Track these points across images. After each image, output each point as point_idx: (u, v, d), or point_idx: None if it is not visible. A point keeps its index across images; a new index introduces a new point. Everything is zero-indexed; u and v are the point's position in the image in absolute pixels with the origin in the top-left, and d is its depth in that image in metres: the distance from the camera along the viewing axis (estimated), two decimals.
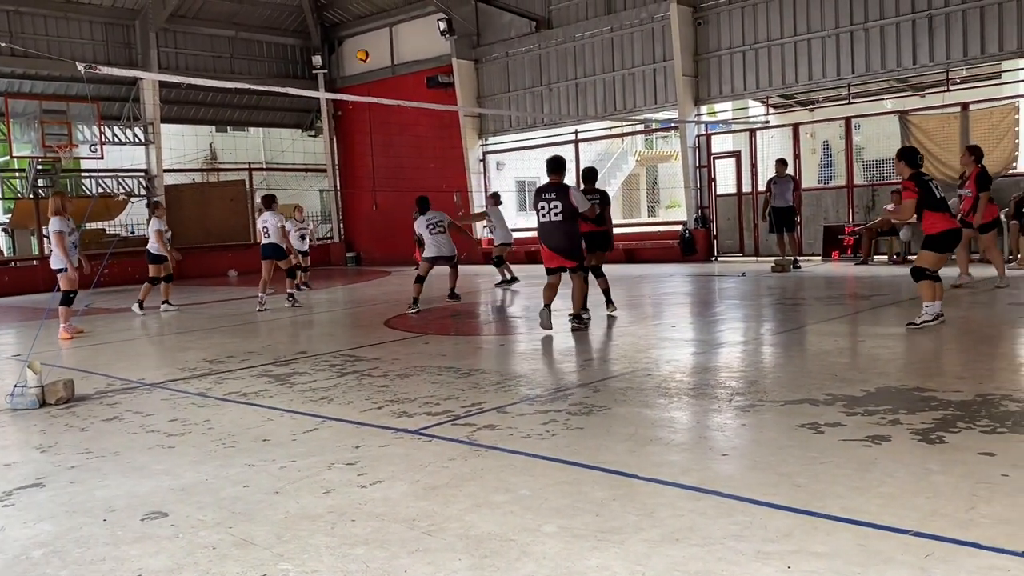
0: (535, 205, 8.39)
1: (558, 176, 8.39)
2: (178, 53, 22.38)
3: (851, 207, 16.64)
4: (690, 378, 6.03)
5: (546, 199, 8.28)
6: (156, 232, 12.78)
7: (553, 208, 8.23)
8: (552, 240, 8.32)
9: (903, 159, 7.71)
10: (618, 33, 19.24)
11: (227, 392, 6.27)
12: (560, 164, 8.45)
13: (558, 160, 8.47)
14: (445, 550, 3.03)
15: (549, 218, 8.27)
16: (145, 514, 3.60)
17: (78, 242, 10.20)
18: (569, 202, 8.19)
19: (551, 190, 8.29)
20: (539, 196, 8.36)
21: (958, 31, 14.92)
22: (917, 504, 3.23)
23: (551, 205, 8.24)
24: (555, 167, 8.41)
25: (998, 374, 5.62)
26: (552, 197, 8.25)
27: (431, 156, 22.01)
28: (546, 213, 8.28)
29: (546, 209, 8.28)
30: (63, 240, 9.82)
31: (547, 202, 8.27)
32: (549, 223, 8.29)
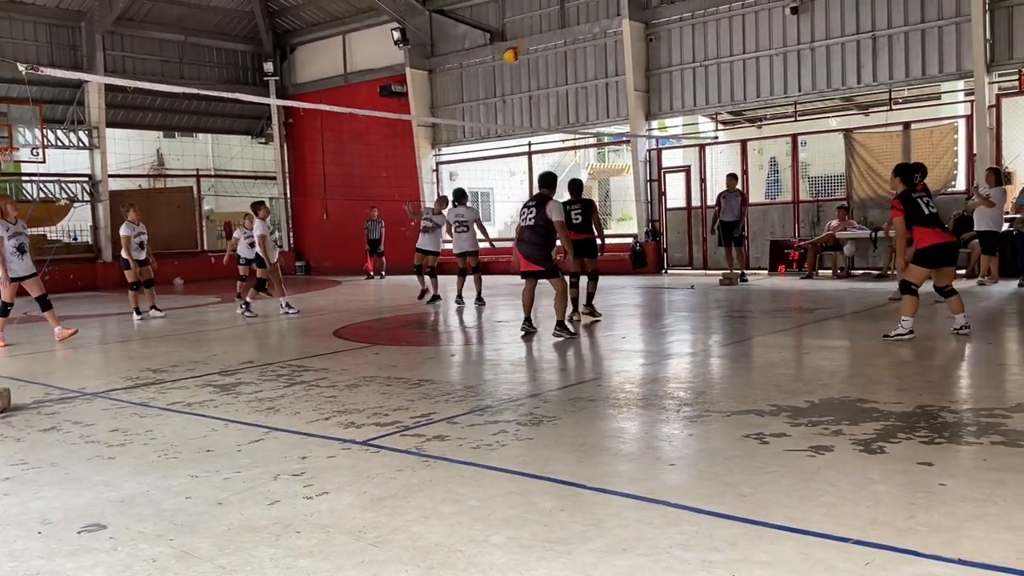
0: (520, 212, 9.04)
1: (548, 190, 8.94)
2: (125, 56, 21.98)
3: (797, 222, 16.97)
4: (639, 389, 6.08)
5: (528, 206, 8.87)
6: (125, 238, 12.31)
7: (529, 215, 8.77)
8: (522, 245, 8.89)
9: (898, 175, 7.81)
10: (571, 47, 19.41)
11: (171, 402, 6.14)
12: (549, 179, 9.06)
13: (548, 176, 9.14)
14: (391, 561, 3.00)
15: (523, 222, 8.84)
16: (82, 526, 3.50)
17: (25, 247, 9.79)
18: (544, 211, 8.65)
19: (534, 200, 8.90)
20: (525, 205, 8.98)
21: (901, 52, 15.36)
22: (858, 513, 3.29)
23: (529, 212, 8.80)
24: (543, 182, 9.06)
25: (937, 386, 5.77)
26: (532, 205, 8.82)
27: (383, 165, 21.92)
28: (525, 219, 8.82)
29: (525, 216, 8.85)
30: (1, 246, 9.52)
31: (528, 209, 8.84)
32: (522, 228, 8.87)
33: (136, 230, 12.32)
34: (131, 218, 12.37)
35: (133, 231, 12.28)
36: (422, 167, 21.92)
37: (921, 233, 7.60)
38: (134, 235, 12.28)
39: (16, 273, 9.68)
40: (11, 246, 9.61)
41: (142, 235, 12.40)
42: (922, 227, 7.59)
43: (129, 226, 12.30)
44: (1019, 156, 14.34)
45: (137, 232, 12.32)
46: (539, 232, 8.73)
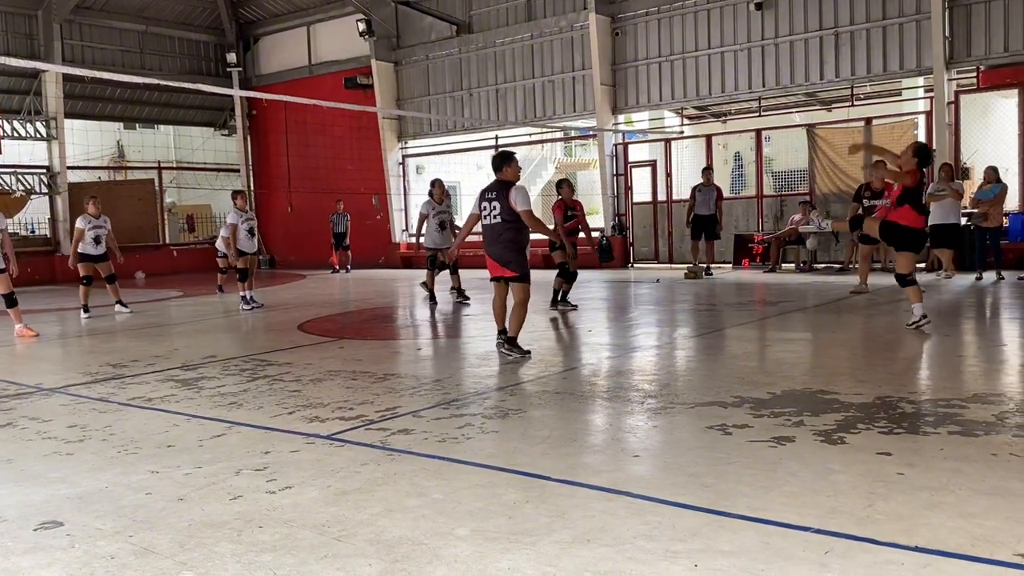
0: (478, 205, 7.41)
1: (502, 174, 7.33)
2: (84, 46, 21.56)
3: (761, 216, 17.15)
4: (605, 381, 6.10)
5: (488, 199, 7.28)
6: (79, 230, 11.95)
7: (493, 209, 7.22)
8: (490, 246, 7.29)
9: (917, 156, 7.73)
10: (538, 40, 19.40)
11: (131, 397, 6.04)
12: (501, 160, 7.35)
13: (500, 156, 7.41)
14: (355, 555, 2.98)
15: (489, 220, 7.27)
16: (39, 524, 3.43)
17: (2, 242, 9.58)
18: (507, 202, 7.10)
19: (493, 189, 7.29)
20: (482, 196, 7.39)
21: (862, 49, 15.57)
22: (819, 502, 3.33)
23: (491, 206, 7.24)
24: (497, 164, 7.36)
25: (896, 378, 5.86)
26: (492, 197, 7.25)
27: (349, 158, 21.76)
28: (487, 215, 7.29)
29: (487, 211, 7.29)
30: None
31: (488, 202, 7.27)
32: (488, 226, 7.30)
33: (93, 223, 11.95)
34: (90, 211, 12.04)
35: (88, 223, 11.90)
36: (388, 160, 21.80)
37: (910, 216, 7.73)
38: (89, 228, 11.89)
39: None
40: None
41: (99, 229, 11.99)
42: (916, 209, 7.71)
43: (85, 218, 11.94)
44: (977, 152, 14.62)
45: (94, 225, 11.94)
46: (506, 228, 7.19)
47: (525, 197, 7.20)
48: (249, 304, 12.15)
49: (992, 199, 12.53)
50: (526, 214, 7.12)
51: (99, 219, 12.01)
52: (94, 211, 12.00)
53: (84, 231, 11.85)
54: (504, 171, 7.27)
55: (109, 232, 12.11)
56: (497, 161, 7.36)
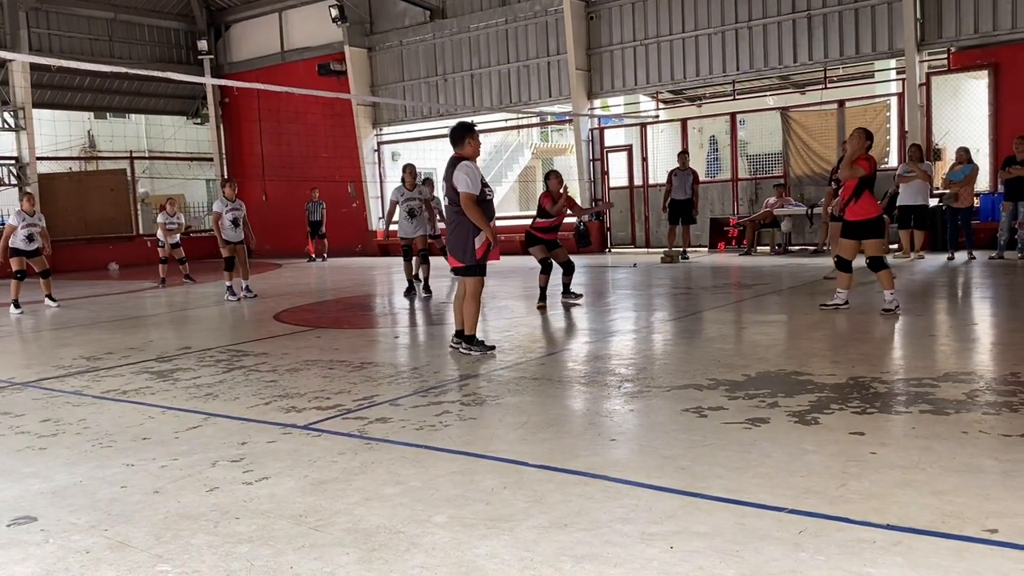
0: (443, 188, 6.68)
1: (460, 149, 6.43)
2: (51, 34, 21.19)
3: (736, 200, 17.24)
4: (582, 366, 6.12)
5: (445, 179, 6.46)
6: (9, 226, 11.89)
7: (447, 191, 6.47)
8: (447, 231, 6.67)
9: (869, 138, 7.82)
10: (512, 25, 19.32)
11: (105, 390, 5.99)
12: (459, 133, 6.45)
13: (458, 127, 6.50)
14: (333, 545, 2.98)
15: (447, 202, 6.54)
16: (12, 519, 3.40)
17: None
18: (452, 182, 6.32)
19: (448, 167, 6.45)
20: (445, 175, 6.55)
21: (835, 31, 15.64)
22: (793, 483, 3.37)
23: (445, 187, 6.45)
24: (454, 137, 6.48)
25: (868, 359, 5.92)
26: (447, 176, 6.41)
27: (324, 145, 21.60)
28: (444, 194, 6.56)
29: (444, 191, 6.53)
30: None
31: (445, 182, 6.44)
32: (446, 207, 6.61)
33: (27, 220, 11.84)
34: (24, 207, 12.04)
35: (22, 220, 11.80)
36: (363, 147, 21.66)
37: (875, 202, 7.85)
38: (22, 225, 11.77)
39: None
40: None
41: (32, 227, 11.88)
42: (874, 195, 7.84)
43: (18, 215, 11.88)
44: (948, 133, 14.76)
45: (28, 223, 11.83)
46: (454, 212, 6.43)
47: (469, 177, 6.28)
48: (236, 295, 11.96)
49: (963, 180, 12.67)
50: (465, 197, 6.23)
51: (32, 216, 11.92)
52: (27, 207, 11.99)
53: (17, 228, 11.75)
54: (465, 145, 6.40)
55: (43, 229, 12.06)
56: (457, 132, 6.44)
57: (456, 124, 6.58)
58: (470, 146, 6.44)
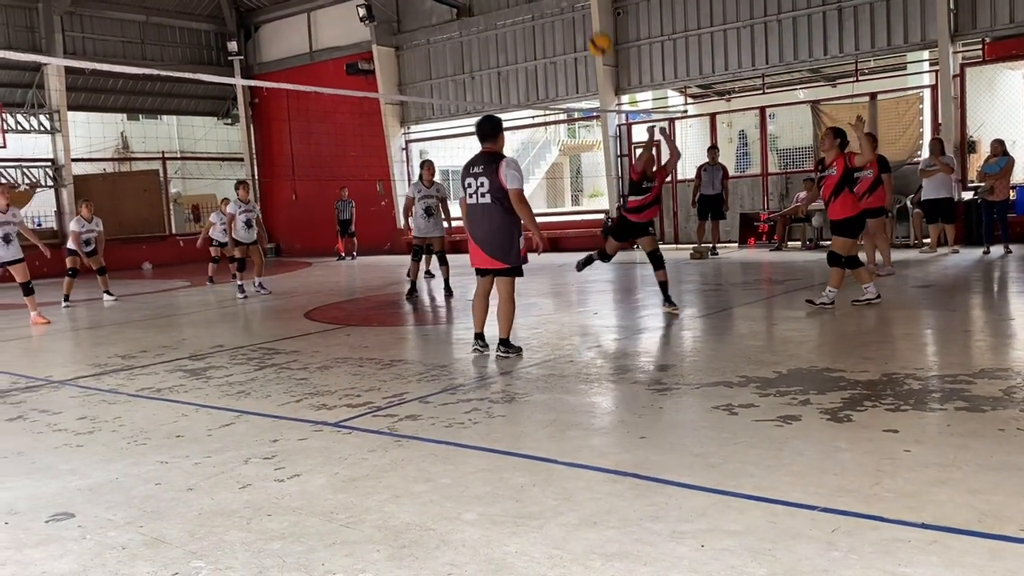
0: (462, 182, 6.39)
1: (492, 144, 6.25)
2: (85, 38, 21.50)
3: (766, 194, 17.08)
4: (611, 363, 6.10)
5: (473, 174, 6.23)
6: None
7: (480, 187, 6.19)
8: (476, 229, 6.28)
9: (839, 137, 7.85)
10: (539, 22, 19.28)
11: (140, 388, 6.08)
12: (493, 127, 6.28)
13: (490, 121, 6.31)
14: (364, 541, 3.00)
15: (476, 199, 6.23)
16: (50, 516, 3.46)
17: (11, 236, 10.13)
18: (498, 179, 6.09)
19: (480, 162, 6.24)
20: (466, 171, 6.33)
21: (866, 23, 15.42)
22: (825, 481, 3.33)
23: (478, 182, 6.19)
24: (487, 131, 6.27)
25: (902, 354, 5.85)
26: (479, 171, 6.19)
27: (352, 144, 21.71)
28: (473, 192, 6.23)
29: (473, 187, 6.22)
30: None
31: (474, 178, 6.21)
32: (475, 206, 6.26)
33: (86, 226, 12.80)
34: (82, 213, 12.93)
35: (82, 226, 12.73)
36: (391, 146, 21.75)
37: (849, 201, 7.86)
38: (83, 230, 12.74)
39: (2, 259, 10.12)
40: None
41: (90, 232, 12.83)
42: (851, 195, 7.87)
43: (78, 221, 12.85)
44: (983, 125, 14.50)
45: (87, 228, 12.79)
46: (496, 210, 6.16)
47: (519, 173, 6.17)
48: (243, 293, 12.24)
49: (999, 172, 12.45)
50: (516, 195, 6.08)
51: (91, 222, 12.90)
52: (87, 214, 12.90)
53: (79, 233, 12.75)
54: (498, 139, 6.28)
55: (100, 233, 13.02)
56: (488, 127, 6.26)
57: (485, 118, 6.37)
58: (502, 140, 6.34)
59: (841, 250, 7.96)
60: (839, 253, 7.96)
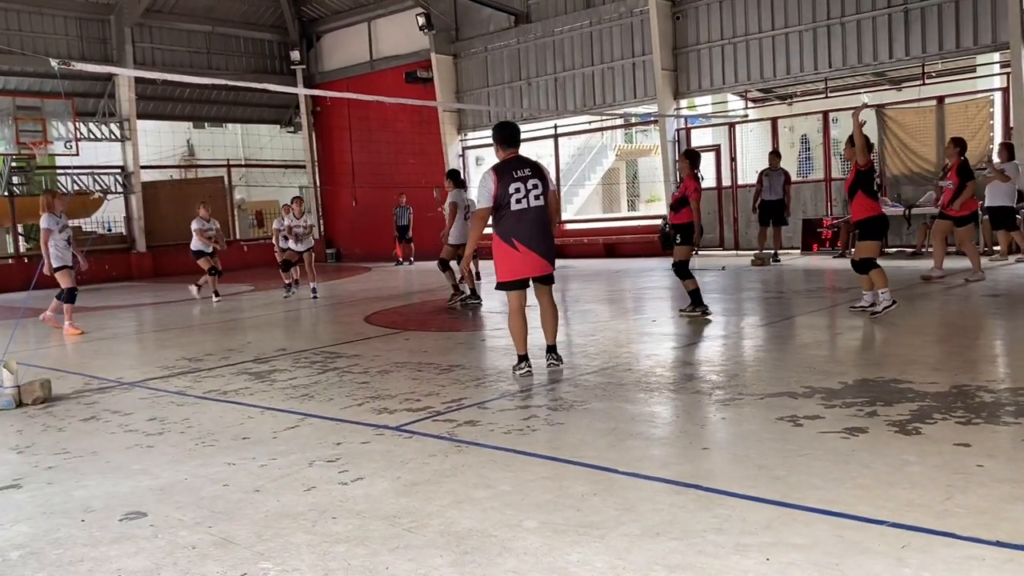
0: (501, 190, 5.81)
1: (517, 149, 6.04)
2: (154, 48, 22.15)
3: (829, 200, 16.75)
4: (670, 372, 6.05)
5: (520, 178, 5.82)
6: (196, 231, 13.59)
7: (533, 188, 5.83)
8: (534, 234, 5.85)
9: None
10: (597, 27, 19.24)
11: (206, 390, 6.23)
12: (519, 133, 6.16)
13: (516, 127, 6.20)
14: (426, 546, 3.03)
15: (528, 203, 5.80)
16: (124, 514, 3.57)
17: (71, 238, 10.26)
18: (548, 183, 5.97)
19: (524, 165, 5.91)
20: (510, 176, 5.84)
21: (934, 25, 15.04)
22: (894, 495, 3.26)
23: (529, 185, 5.82)
24: (515, 137, 6.06)
25: (973, 366, 5.68)
26: (529, 175, 5.85)
27: (410, 152, 21.94)
28: (523, 196, 5.80)
29: (523, 191, 5.80)
30: (48, 237, 9.93)
31: (523, 181, 5.82)
32: (528, 211, 5.81)
33: (205, 225, 13.67)
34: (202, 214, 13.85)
35: (202, 225, 13.65)
36: (448, 153, 21.92)
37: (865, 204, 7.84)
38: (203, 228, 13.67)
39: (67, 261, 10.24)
40: (61, 239, 10.02)
41: (209, 231, 13.71)
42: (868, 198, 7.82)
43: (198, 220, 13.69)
44: None
45: (207, 227, 13.69)
46: (548, 216, 5.97)
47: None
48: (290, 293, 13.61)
49: None
50: (556, 197, 6.06)
51: (210, 221, 13.84)
52: (205, 214, 13.84)
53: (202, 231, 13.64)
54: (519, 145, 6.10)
55: (217, 230, 14.02)
56: (518, 132, 6.15)
57: (510, 123, 6.25)
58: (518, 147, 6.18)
59: (866, 253, 7.79)
60: (864, 256, 7.79)
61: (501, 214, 5.86)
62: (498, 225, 5.93)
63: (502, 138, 5.99)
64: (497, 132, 6.04)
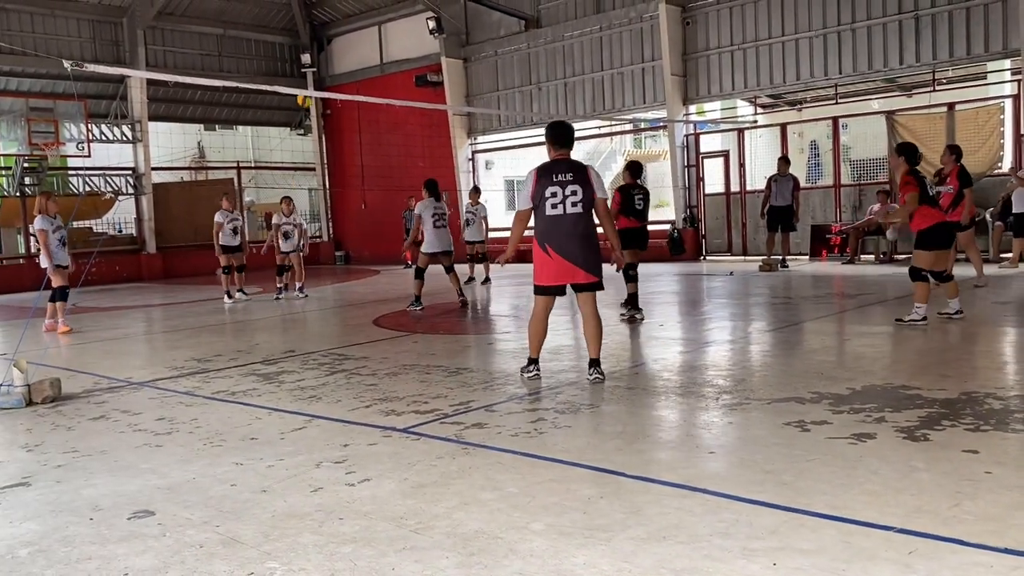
0: (539, 190, 5.74)
1: (568, 151, 5.92)
2: (166, 51, 22.28)
3: (838, 206, 16.72)
4: (678, 376, 6.05)
5: (560, 182, 5.69)
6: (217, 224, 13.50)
7: (571, 195, 5.68)
8: (569, 242, 5.72)
9: (903, 155, 7.84)
10: (607, 32, 19.27)
11: (215, 391, 6.25)
12: (572, 133, 6.05)
13: (569, 127, 6.09)
14: (433, 548, 3.03)
15: (563, 209, 5.68)
16: (132, 513, 3.59)
17: (65, 239, 10.37)
18: (591, 188, 5.73)
19: (567, 169, 5.77)
20: (549, 178, 5.73)
21: (944, 31, 15.01)
22: (901, 501, 3.25)
23: (567, 191, 5.68)
24: (568, 137, 5.96)
25: (982, 372, 5.66)
26: (569, 179, 5.71)
27: (420, 155, 21.98)
28: (560, 201, 5.68)
29: (560, 196, 5.67)
30: (45, 238, 10.08)
31: (561, 186, 5.68)
32: (564, 216, 5.70)
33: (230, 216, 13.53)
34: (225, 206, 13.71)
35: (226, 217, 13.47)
36: (458, 156, 21.95)
37: (923, 213, 7.65)
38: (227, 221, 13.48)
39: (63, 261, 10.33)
40: (55, 240, 10.20)
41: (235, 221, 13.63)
42: (924, 206, 7.64)
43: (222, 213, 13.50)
44: None
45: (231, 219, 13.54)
46: (589, 221, 5.81)
47: (603, 183, 5.92)
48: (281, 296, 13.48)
49: None
50: (605, 205, 5.88)
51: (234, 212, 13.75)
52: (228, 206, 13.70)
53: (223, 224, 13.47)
54: (572, 147, 5.98)
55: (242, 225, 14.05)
56: (569, 132, 6.00)
57: (562, 123, 6.10)
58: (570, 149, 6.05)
59: (921, 263, 7.73)
60: (918, 267, 7.75)
61: (537, 217, 5.81)
62: (535, 228, 5.88)
63: (553, 137, 5.91)
64: (549, 131, 5.97)
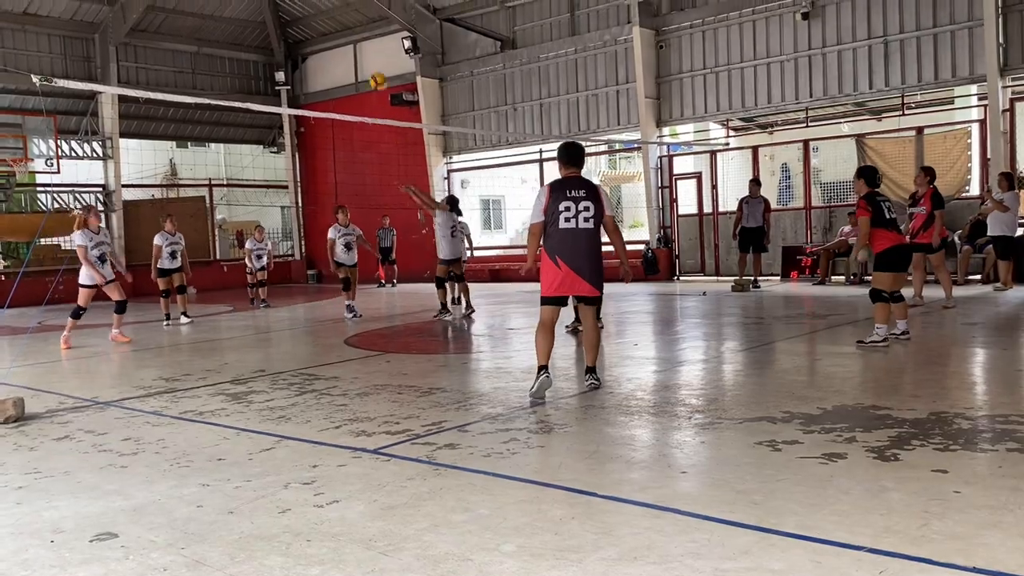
0: (551, 205, 6.02)
1: (578, 169, 6.21)
2: (139, 68, 22.15)
3: (809, 228, 16.91)
4: (651, 396, 6.05)
5: (573, 197, 6.00)
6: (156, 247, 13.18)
7: (583, 211, 6.01)
8: (578, 256, 6.05)
9: (862, 177, 7.99)
10: (582, 55, 19.43)
11: (183, 411, 6.16)
12: (582, 152, 6.31)
13: (580, 147, 6.35)
14: (402, 570, 2.99)
15: (576, 223, 6.01)
16: (94, 535, 3.51)
17: (106, 256, 10.55)
18: (602, 206, 6.10)
19: (579, 185, 6.07)
20: (562, 193, 6.02)
21: (913, 57, 15.29)
22: (871, 521, 3.26)
23: (580, 206, 6.01)
24: (579, 156, 6.24)
25: (951, 392, 5.72)
26: (582, 195, 6.02)
27: (395, 173, 21.90)
28: (572, 216, 6.00)
29: (573, 211, 5.99)
30: (85, 253, 10.24)
31: (574, 201, 6.00)
32: (575, 231, 6.02)
33: (170, 240, 13.15)
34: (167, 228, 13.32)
35: (166, 240, 13.14)
36: (434, 175, 21.96)
37: (880, 236, 7.77)
38: (167, 244, 13.14)
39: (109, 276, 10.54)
40: (95, 255, 10.34)
41: (175, 245, 13.22)
42: (881, 229, 7.76)
43: (162, 235, 13.14)
44: None
45: (171, 242, 13.14)
46: (598, 237, 6.17)
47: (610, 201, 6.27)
48: (352, 312, 12.77)
49: None
50: (613, 221, 6.24)
51: (175, 235, 13.25)
52: (171, 228, 13.30)
53: (162, 247, 13.06)
54: (582, 166, 6.25)
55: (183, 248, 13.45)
56: (580, 151, 6.27)
57: (574, 143, 6.39)
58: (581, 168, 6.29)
59: (881, 285, 7.83)
60: (878, 288, 7.85)
61: (549, 231, 6.08)
62: (546, 241, 6.13)
63: (566, 157, 6.21)
64: (562, 151, 6.27)
